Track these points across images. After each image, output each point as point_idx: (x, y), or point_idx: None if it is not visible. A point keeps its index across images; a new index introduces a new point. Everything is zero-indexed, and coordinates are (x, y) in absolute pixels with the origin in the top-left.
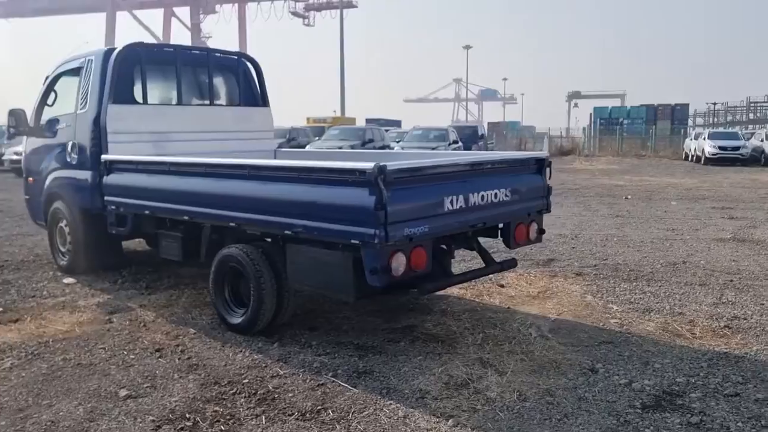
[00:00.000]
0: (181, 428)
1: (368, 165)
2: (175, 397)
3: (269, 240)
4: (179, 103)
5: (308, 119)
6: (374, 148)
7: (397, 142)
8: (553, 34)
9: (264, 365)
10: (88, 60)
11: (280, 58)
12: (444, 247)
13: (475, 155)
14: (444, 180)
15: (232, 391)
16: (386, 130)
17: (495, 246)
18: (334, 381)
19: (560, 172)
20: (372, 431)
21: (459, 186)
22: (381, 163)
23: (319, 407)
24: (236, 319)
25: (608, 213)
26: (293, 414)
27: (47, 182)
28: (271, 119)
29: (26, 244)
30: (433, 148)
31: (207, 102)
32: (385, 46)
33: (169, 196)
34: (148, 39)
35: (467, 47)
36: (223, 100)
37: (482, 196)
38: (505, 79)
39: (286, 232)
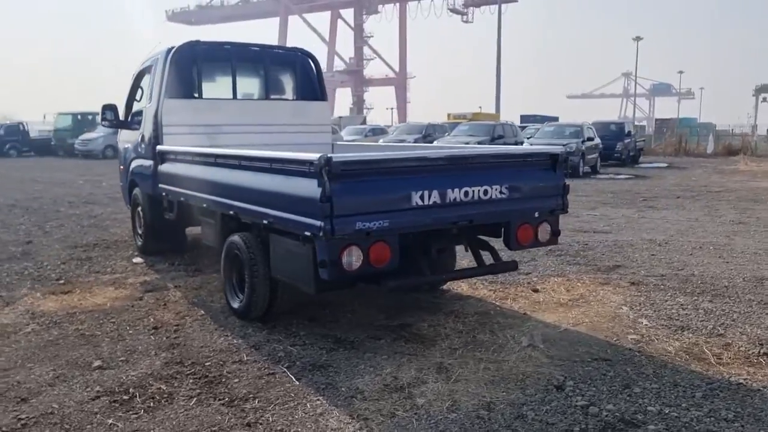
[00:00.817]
0: (115, 401)
1: (315, 156)
2: (135, 372)
3: (260, 229)
4: (234, 97)
5: (449, 115)
6: (504, 143)
7: (527, 138)
8: (737, 22)
9: (235, 350)
10: (156, 59)
11: (437, 55)
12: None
13: (456, 149)
14: (408, 174)
15: (188, 372)
16: (521, 127)
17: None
18: (284, 372)
19: (716, 172)
20: (281, 424)
21: (432, 181)
22: (327, 155)
23: (251, 395)
24: (236, 304)
25: (731, 219)
26: (223, 399)
27: (129, 170)
28: (328, 113)
29: (129, 226)
30: (564, 145)
31: (262, 96)
32: (547, 40)
33: (189, 184)
34: (316, 40)
35: (637, 39)
36: (278, 95)
37: (466, 193)
38: (680, 72)
39: (264, 221)
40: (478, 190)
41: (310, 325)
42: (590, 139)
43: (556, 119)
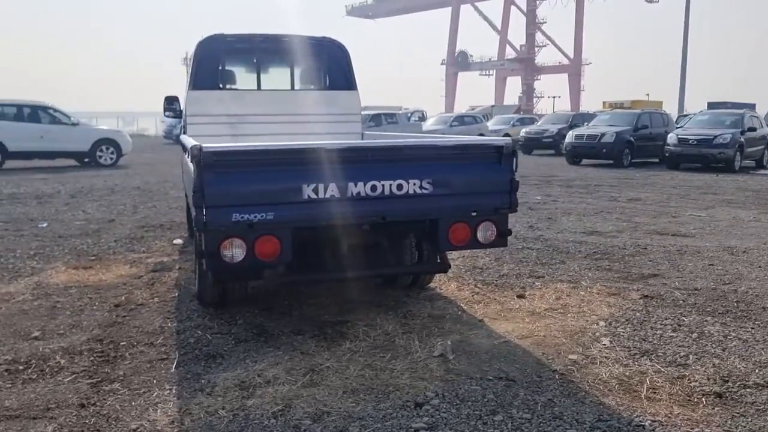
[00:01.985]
0: (9, 369)
1: (198, 144)
2: (55, 345)
3: None
4: (258, 87)
5: (604, 104)
6: (649, 134)
7: (678, 127)
8: None
9: (159, 333)
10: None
11: (616, 40)
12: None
13: (364, 141)
14: (298, 166)
15: (97, 349)
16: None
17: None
18: (174, 359)
19: None
20: (113, 409)
21: (329, 174)
22: (200, 144)
23: (122, 378)
24: (195, 289)
25: None
26: (95, 379)
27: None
28: (358, 102)
29: None
30: (715, 136)
31: (288, 86)
32: (749, 19)
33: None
34: (486, 29)
35: None
36: (305, 84)
37: (373, 187)
38: None
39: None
40: (390, 185)
41: (257, 314)
42: (752, 129)
43: (751, 107)
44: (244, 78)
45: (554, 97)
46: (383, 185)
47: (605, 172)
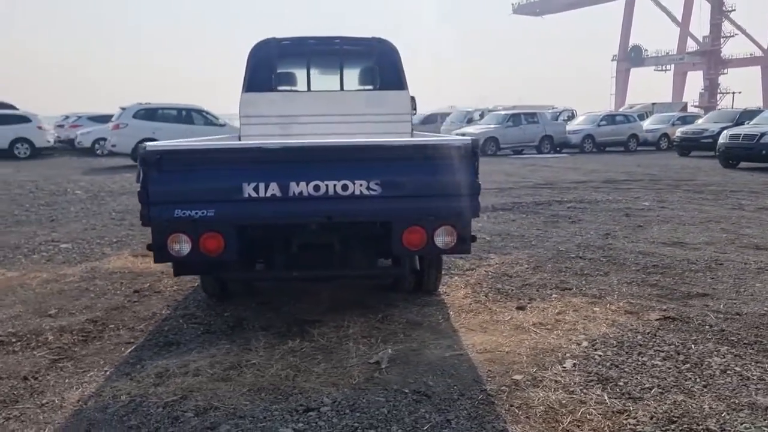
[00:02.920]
0: (1, 342)
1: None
2: (58, 323)
3: None
4: (308, 89)
5: None
6: None
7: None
8: None
9: (147, 320)
10: None
11: None
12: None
13: (308, 142)
14: (238, 165)
15: (87, 330)
16: None
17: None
18: (135, 344)
19: None
20: (50, 377)
21: (270, 173)
22: (147, 144)
23: (76, 358)
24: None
25: None
26: (58, 353)
27: None
28: (408, 102)
29: None
30: None
31: (338, 87)
32: None
33: None
34: (665, 21)
35: None
36: (354, 85)
37: (316, 187)
38: None
39: None
40: (335, 185)
41: (247, 308)
42: None
43: None
44: (295, 80)
45: (734, 93)
46: (327, 185)
47: (758, 177)
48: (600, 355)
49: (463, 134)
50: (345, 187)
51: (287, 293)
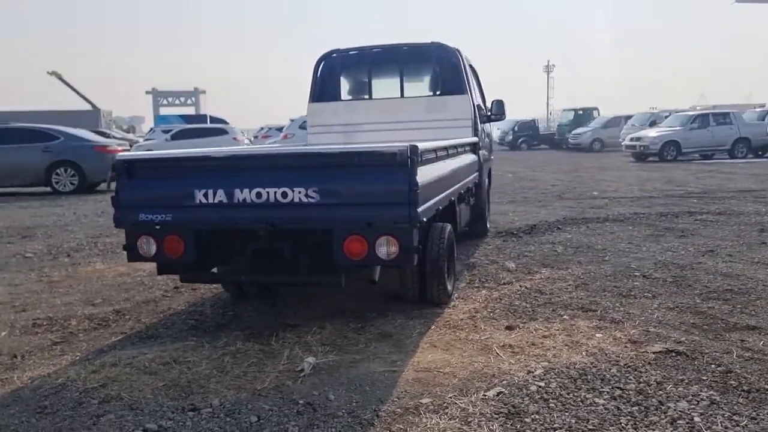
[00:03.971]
0: (34, 324)
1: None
2: (90, 311)
3: None
4: (370, 97)
5: None
6: None
7: None
8: None
9: (163, 315)
10: None
11: None
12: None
13: (250, 149)
14: (190, 172)
15: (110, 318)
16: None
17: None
18: (124, 334)
19: None
20: (33, 358)
21: (216, 180)
22: (119, 155)
23: (77, 339)
24: None
25: None
26: (64, 337)
27: None
28: (468, 107)
29: None
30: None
31: (398, 94)
32: None
33: None
34: None
35: None
36: (414, 91)
37: (258, 194)
38: None
39: None
40: (275, 192)
41: (250, 309)
42: None
43: None
44: (358, 88)
45: None
46: (268, 192)
47: None
48: (539, 387)
49: (638, 138)
50: (285, 195)
51: (293, 296)
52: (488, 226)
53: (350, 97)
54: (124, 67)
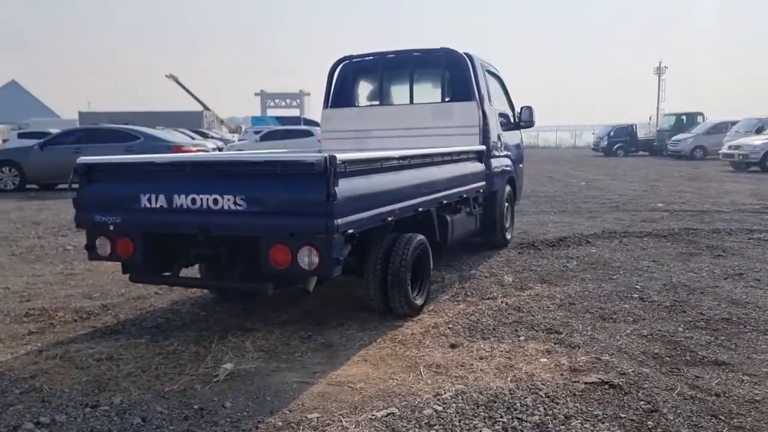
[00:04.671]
0: (26, 314)
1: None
2: (80, 305)
3: None
4: (381, 103)
5: None
6: None
7: None
8: None
9: (154, 311)
10: None
11: None
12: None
13: (189, 156)
14: (136, 177)
15: (95, 311)
16: None
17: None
18: (96, 328)
19: None
20: (8, 343)
21: (159, 185)
22: (80, 159)
23: (56, 330)
24: None
25: None
26: (45, 326)
27: None
28: (475, 114)
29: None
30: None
31: (407, 101)
32: None
33: None
34: None
35: None
36: (422, 98)
37: (193, 200)
38: None
39: None
40: (207, 199)
41: (228, 311)
42: None
43: None
44: (371, 95)
45: None
46: (201, 199)
47: None
48: (434, 411)
49: (737, 146)
50: (216, 202)
51: (273, 301)
52: (509, 237)
53: (362, 104)
54: (239, 70)
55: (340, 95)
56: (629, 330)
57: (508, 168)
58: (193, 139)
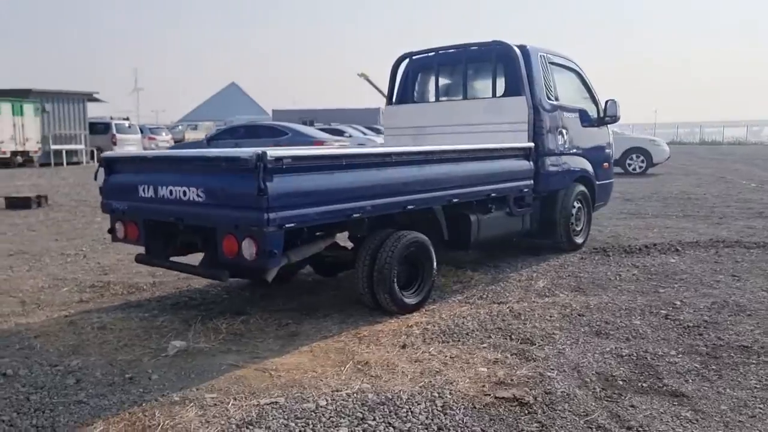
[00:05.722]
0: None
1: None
2: (93, 281)
3: None
4: (436, 99)
5: None
6: None
7: None
8: None
9: (155, 292)
10: None
11: None
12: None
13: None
14: (136, 169)
15: (84, 289)
16: None
17: None
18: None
19: None
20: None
21: (150, 177)
22: (104, 153)
23: (41, 301)
24: None
25: None
26: (33, 302)
27: None
28: (524, 109)
29: None
30: None
31: (460, 96)
32: None
33: None
34: None
35: None
36: (475, 93)
37: (171, 191)
38: None
39: None
40: (179, 190)
41: (227, 298)
42: None
43: None
44: (427, 90)
45: None
46: (175, 190)
47: None
48: (315, 406)
49: None
50: (185, 193)
51: (305, 291)
52: (579, 240)
53: (421, 100)
54: None
55: (400, 92)
56: (611, 347)
57: (577, 168)
58: (364, 134)
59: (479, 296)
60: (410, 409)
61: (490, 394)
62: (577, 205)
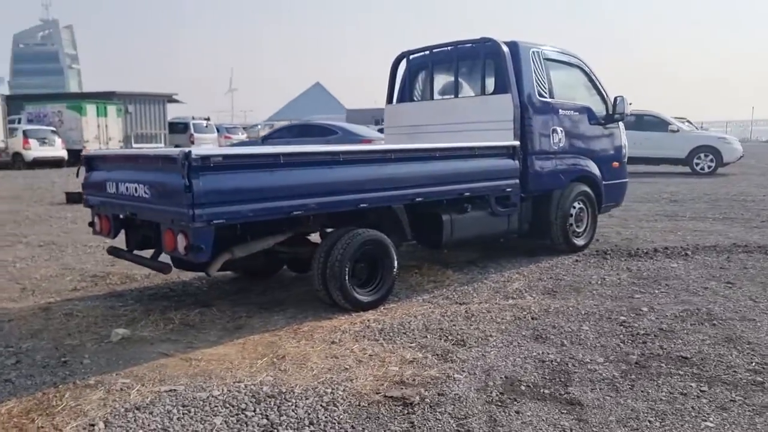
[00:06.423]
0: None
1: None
2: (84, 269)
3: None
4: (431, 98)
5: None
6: None
7: None
8: None
9: (132, 281)
10: None
11: None
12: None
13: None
14: (105, 167)
15: (86, 278)
16: None
17: None
18: (97, 289)
19: None
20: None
21: (114, 174)
22: (84, 152)
23: (41, 286)
24: None
25: None
26: (31, 288)
27: None
28: (509, 107)
29: None
30: None
31: (450, 94)
32: None
33: None
34: None
35: None
36: (463, 91)
37: (127, 187)
38: None
39: None
40: (132, 187)
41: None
42: None
43: None
44: (424, 89)
45: None
46: (129, 186)
47: None
48: (208, 395)
49: None
50: (136, 190)
51: (290, 286)
52: (581, 243)
53: (417, 98)
54: None
55: (398, 91)
56: (538, 352)
57: (576, 167)
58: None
59: (445, 296)
60: (295, 403)
61: (381, 392)
62: (577, 205)
